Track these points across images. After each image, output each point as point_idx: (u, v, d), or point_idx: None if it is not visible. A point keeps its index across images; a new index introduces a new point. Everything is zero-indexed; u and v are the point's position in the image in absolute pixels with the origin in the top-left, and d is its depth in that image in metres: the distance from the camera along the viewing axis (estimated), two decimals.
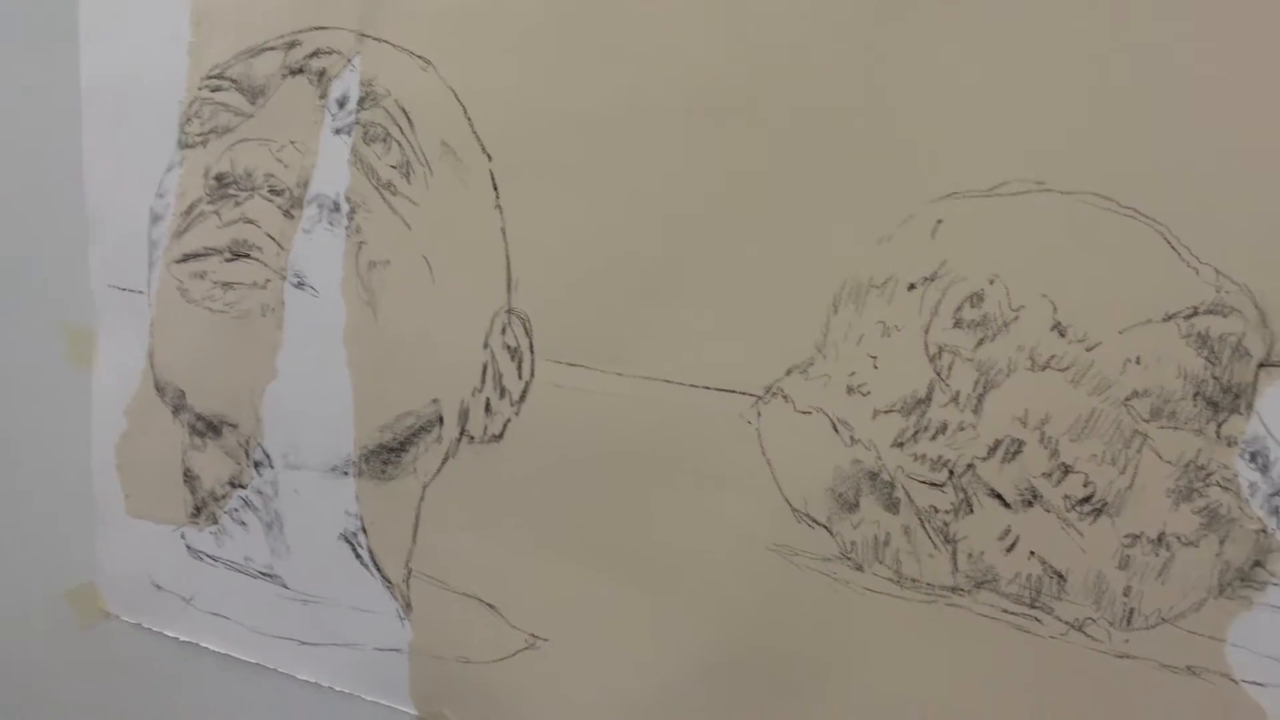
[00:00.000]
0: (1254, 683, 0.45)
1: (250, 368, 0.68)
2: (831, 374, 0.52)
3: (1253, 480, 0.44)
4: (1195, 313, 0.44)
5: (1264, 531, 0.44)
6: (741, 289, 0.54)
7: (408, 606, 0.66)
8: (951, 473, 0.50)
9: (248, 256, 0.68)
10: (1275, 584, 0.44)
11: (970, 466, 0.50)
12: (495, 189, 0.60)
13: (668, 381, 0.56)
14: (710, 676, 0.57)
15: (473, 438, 0.62)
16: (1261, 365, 0.43)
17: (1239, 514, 0.44)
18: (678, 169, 0.55)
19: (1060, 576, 0.48)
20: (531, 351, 0.60)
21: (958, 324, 0.49)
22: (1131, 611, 0.47)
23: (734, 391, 0.55)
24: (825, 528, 0.53)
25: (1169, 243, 0.44)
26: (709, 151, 0.54)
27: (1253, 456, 0.44)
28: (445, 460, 0.63)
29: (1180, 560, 0.46)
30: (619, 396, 0.57)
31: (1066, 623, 0.48)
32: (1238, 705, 0.45)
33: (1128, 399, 0.46)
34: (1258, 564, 0.44)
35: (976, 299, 0.49)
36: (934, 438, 0.50)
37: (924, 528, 0.51)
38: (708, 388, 0.55)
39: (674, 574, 0.57)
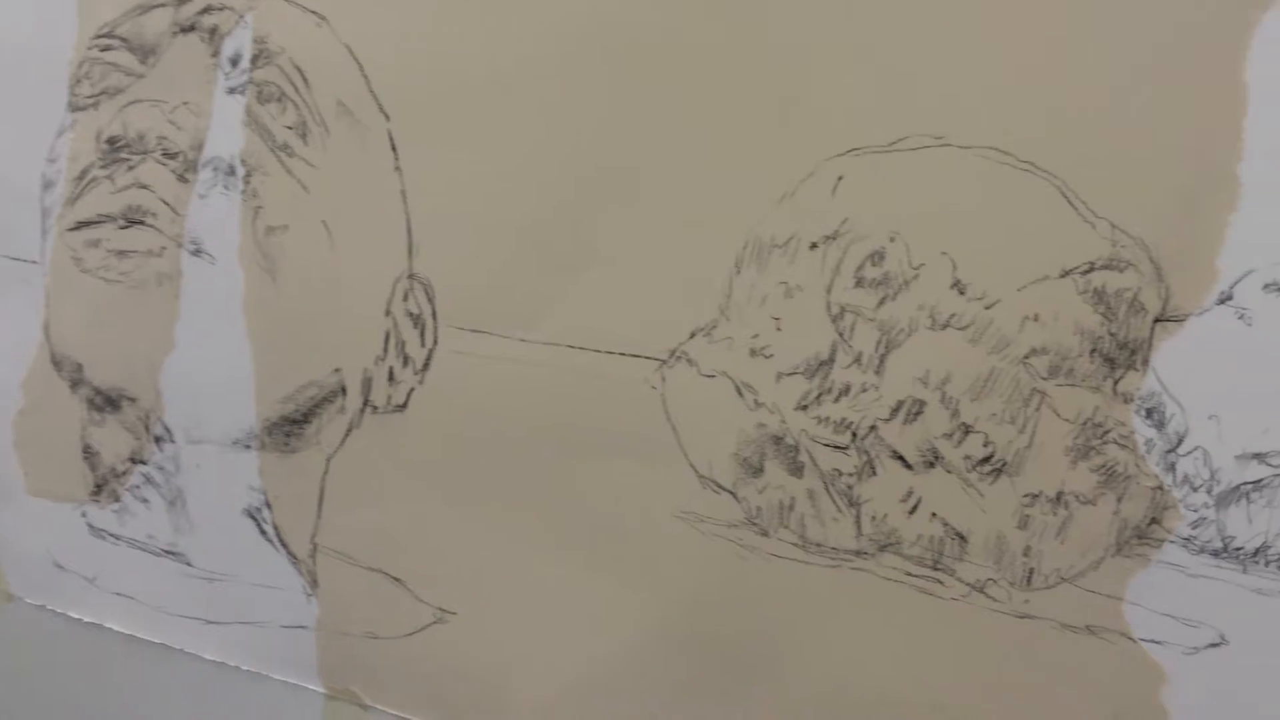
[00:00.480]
0: (1152, 640, 0.45)
1: (148, 339, 0.66)
2: (735, 336, 0.51)
3: (1149, 437, 0.43)
4: (1092, 268, 0.44)
5: (1160, 488, 0.44)
6: (645, 251, 0.53)
7: (314, 582, 0.64)
8: (855, 435, 0.49)
9: (142, 223, 0.65)
10: (1171, 541, 0.44)
11: (873, 428, 0.49)
12: (394, 150, 0.58)
13: (571, 347, 0.55)
14: (620, 645, 0.56)
15: (376, 408, 0.60)
16: (1157, 320, 0.43)
17: (1136, 471, 0.44)
18: (580, 129, 0.53)
19: (961, 538, 0.48)
20: (434, 318, 0.58)
21: (859, 283, 0.48)
22: (1031, 571, 0.46)
23: (638, 356, 0.53)
24: (731, 493, 0.52)
25: (1066, 197, 0.44)
26: (611, 111, 0.52)
27: (1149, 413, 0.43)
28: (349, 431, 0.61)
29: (1079, 519, 0.45)
30: (523, 363, 0.56)
31: (968, 584, 0.48)
32: (1136, 663, 0.45)
33: (1026, 357, 0.45)
34: (1154, 521, 0.44)
35: (877, 257, 0.48)
36: (837, 400, 0.49)
37: (828, 491, 0.50)
38: (611, 352, 0.54)
39: (582, 543, 0.56)
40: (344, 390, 0.61)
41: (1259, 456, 0.42)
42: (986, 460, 0.47)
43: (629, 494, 0.55)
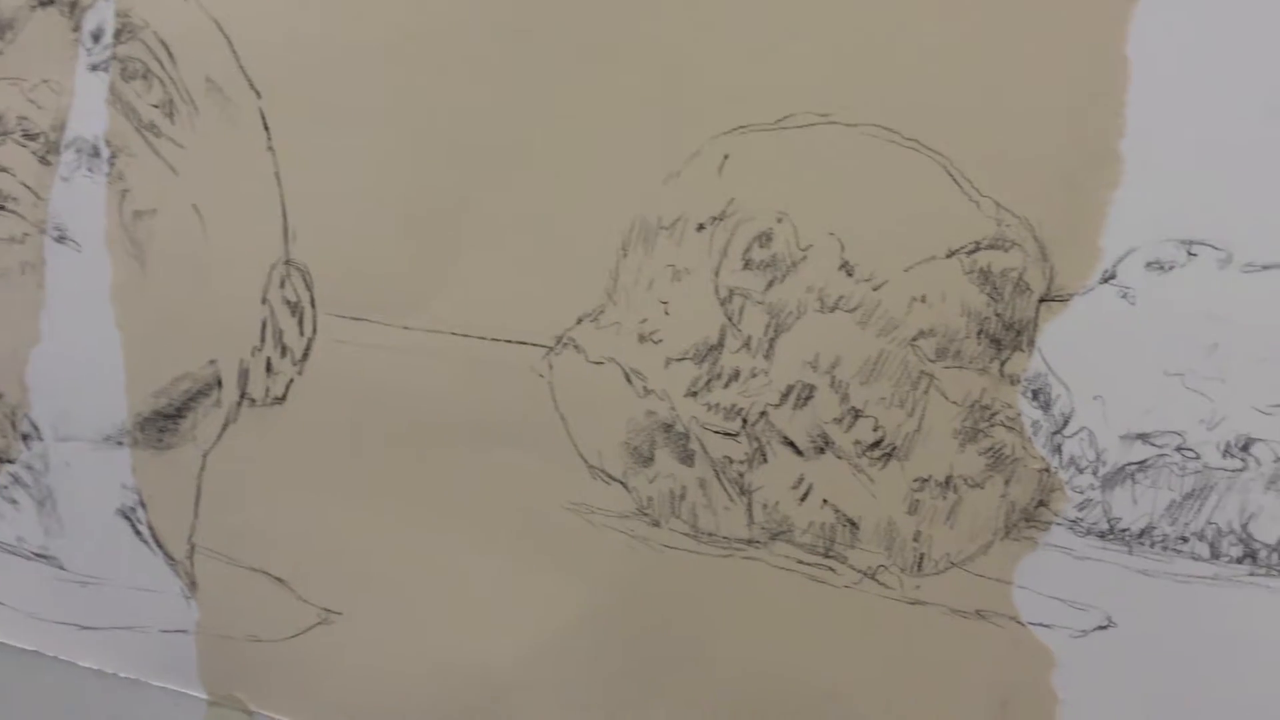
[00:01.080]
0: (1040, 624, 0.44)
1: (11, 331, 0.62)
2: (623, 321, 0.50)
3: (1035, 419, 0.43)
4: (977, 248, 0.43)
5: (1047, 470, 0.43)
6: (529, 234, 0.51)
7: (192, 585, 0.61)
8: (745, 421, 0.48)
9: (2, 209, 0.61)
10: (1059, 523, 0.43)
11: (763, 414, 0.48)
12: (267, 130, 0.55)
13: (456, 334, 0.53)
14: (511, 642, 0.54)
15: (254, 400, 0.58)
16: (1042, 300, 0.42)
17: (1023, 453, 0.43)
18: (461, 108, 0.51)
19: (853, 524, 0.47)
20: (313, 306, 0.55)
21: (747, 265, 0.47)
22: (922, 557, 0.46)
23: (525, 343, 0.51)
24: (621, 483, 0.51)
25: (951, 175, 0.43)
26: (494, 90, 0.50)
27: (1035, 394, 0.43)
28: (226, 426, 0.59)
29: (968, 503, 0.44)
30: (407, 351, 0.54)
31: (860, 571, 0.47)
32: (1025, 647, 0.44)
33: (914, 339, 0.44)
34: (1041, 504, 0.43)
35: (765, 238, 0.47)
36: (727, 385, 0.48)
37: (719, 479, 0.49)
38: (497, 339, 0.52)
39: (471, 538, 0.54)
40: (219, 383, 0.58)
41: (1143, 437, 0.41)
42: (876, 445, 0.46)
43: (517, 486, 0.53)
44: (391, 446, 0.55)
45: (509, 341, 0.52)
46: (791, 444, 0.47)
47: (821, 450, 0.47)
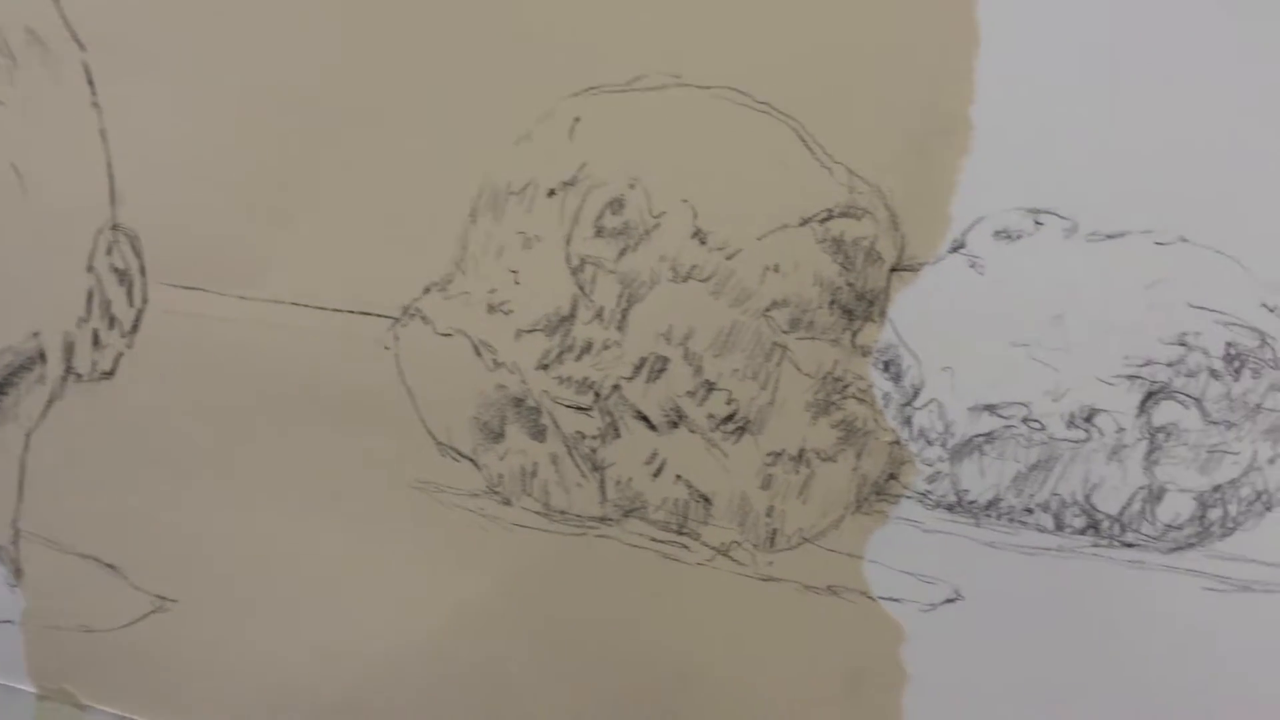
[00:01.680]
0: (891, 599, 0.43)
1: None
2: (472, 291, 0.47)
3: (886, 390, 0.42)
4: (830, 216, 0.42)
5: (897, 443, 0.42)
6: (374, 199, 0.48)
7: (17, 572, 0.57)
8: (597, 395, 0.46)
9: None
10: (909, 496, 0.43)
11: (616, 387, 0.46)
12: (91, 84, 0.51)
13: (297, 304, 0.50)
14: (356, 625, 0.52)
15: (80, 375, 0.54)
16: (894, 270, 0.41)
17: (874, 426, 0.43)
18: (303, 65, 0.48)
19: (706, 500, 0.45)
20: (143, 274, 0.52)
21: (599, 233, 0.45)
22: (775, 532, 0.45)
23: (369, 314, 0.49)
24: (471, 460, 0.49)
25: (803, 141, 0.42)
26: (337, 47, 0.47)
27: (886, 366, 0.42)
28: (51, 403, 0.55)
29: (820, 477, 0.44)
30: (244, 323, 0.51)
31: (713, 548, 0.46)
32: (876, 622, 0.44)
33: (768, 310, 0.43)
34: (892, 477, 0.43)
35: (617, 205, 0.45)
36: (579, 358, 0.46)
37: (571, 455, 0.47)
38: (340, 310, 0.49)
39: (314, 519, 0.52)
40: (43, 356, 0.54)
41: (990, 408, 0.41)
42: (730, 419, 0.45)
43: (362, 465, 0.50)
44: (228, 424, 0.52)
45: (352, 312, 0.49)
46: (645, 418, 0.46)
47: (675, 424, 0.45)
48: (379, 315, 0.49)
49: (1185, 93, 0.37)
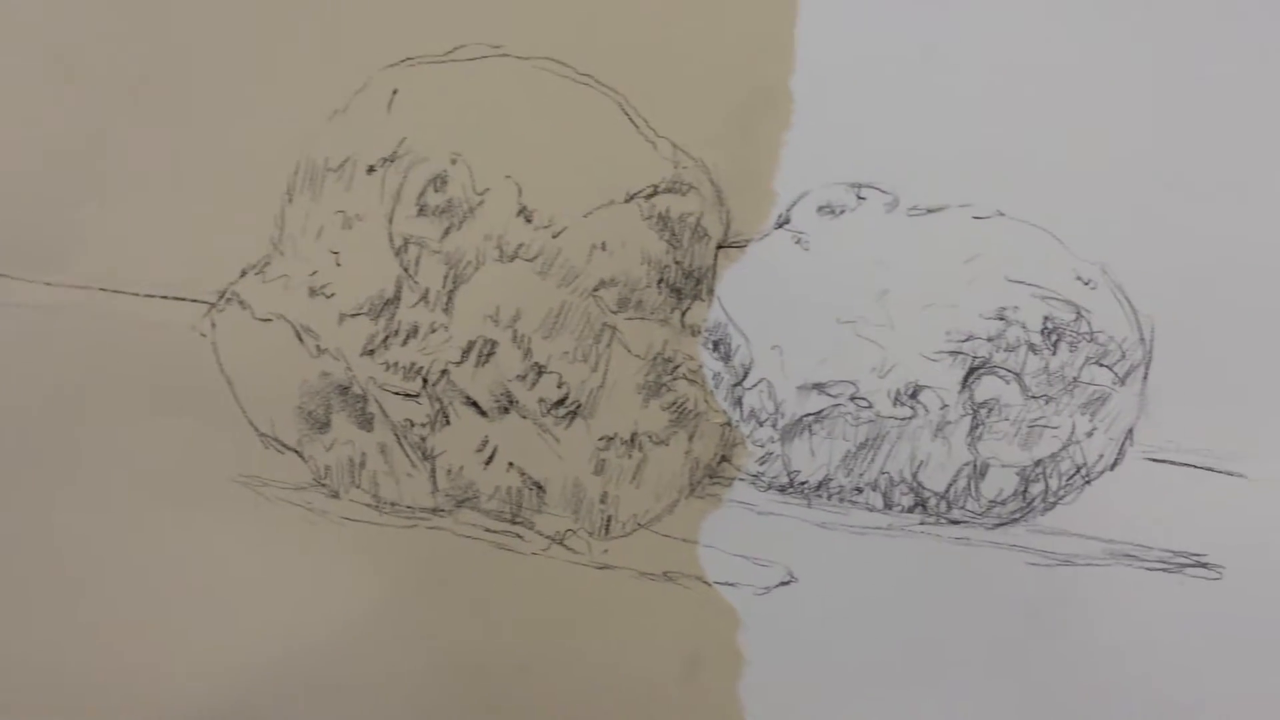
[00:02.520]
0: (726, 583, 0.43)
1: None
2: (291, 274, 0.45)
3: (717, 370, 0.41)
4: (655, 191, 0.41)
5: (729, 424, 0.41)
6: (185, 176, 0.45)
7: None
8: (426, 381, 0.44)
9: None
10: (741, 479, 0.42)
11: (444, 373, 0.44)
12: None
13: (105, 290, 0.47)
14: (176, 629, 0.49)
15: None
16: (720, 247, 0.40)
17: (705, 408, 0.42)
18: (107, 33, 0.45)
19: (539, 487, 0.44)
20: None
21: (422, 211, 0.43)
22: (609, 519, 0.43)
23: (183, 299, 0.46)
24: (296, 452, 0.46)
25: (627, 114, 0.40)
26: (144, 15, 0.44)
27: (715, 345, 0.41)
28: None
29: (653, 461, 0.42)
30: (49, 309, 0.47)
31: (547, 537, 0.44)
32: (711, 607, 0.43)
33: (596, 289, 0.42)
34: (724, 459, 0.42)
35: (440, 182, 0.43)
36: (405, 343, 0.44)
37: (400, 444, 0.45)
38: (152, 295, 0.46)
39: (132, 518, 0.49)
40: None
41: (819, 387, 0.40)
42: (561, 403, 0.43)
43: (180, 459, 0.47)
44: (33, 417, 0.48)
45: (165, 298, 0.46)
46: (475, 404, 0.44)
47: (505, 410, 0.44)
48: (193, 300, 0.46)
49: (1003, 67, 0.37)
